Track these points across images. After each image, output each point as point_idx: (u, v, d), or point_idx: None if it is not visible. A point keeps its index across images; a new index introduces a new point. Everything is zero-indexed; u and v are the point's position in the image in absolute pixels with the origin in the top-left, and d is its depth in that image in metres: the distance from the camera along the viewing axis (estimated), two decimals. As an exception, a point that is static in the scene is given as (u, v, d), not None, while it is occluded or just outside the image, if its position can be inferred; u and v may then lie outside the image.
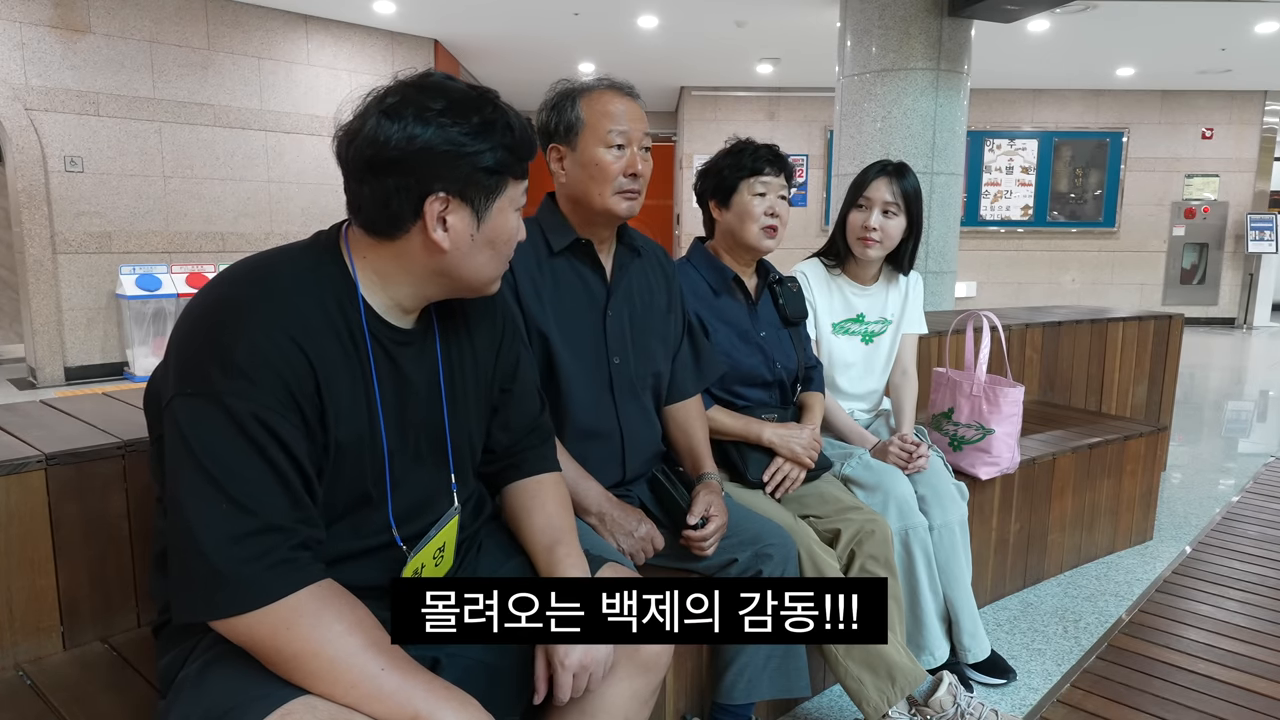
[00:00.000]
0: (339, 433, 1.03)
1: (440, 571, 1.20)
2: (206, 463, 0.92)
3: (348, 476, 1.06)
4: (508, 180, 1.07)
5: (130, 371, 6.15)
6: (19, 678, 1.30)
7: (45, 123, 5.74)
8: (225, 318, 0.97)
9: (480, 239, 1.06)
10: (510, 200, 1.08)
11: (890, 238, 2.19)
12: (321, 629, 0.93)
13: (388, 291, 1.08)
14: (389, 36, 7.37)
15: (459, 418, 1.19)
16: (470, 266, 1.08)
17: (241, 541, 0.91)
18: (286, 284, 1.01)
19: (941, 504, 2.08)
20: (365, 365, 1.06)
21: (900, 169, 2.20)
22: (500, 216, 1.07)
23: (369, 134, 1.00)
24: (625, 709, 1.23)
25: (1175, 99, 9.93)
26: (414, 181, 1.01)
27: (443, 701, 0.94)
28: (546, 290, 1.60)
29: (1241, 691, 1.49)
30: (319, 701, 0.92)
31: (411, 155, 1.00)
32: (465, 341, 1.21)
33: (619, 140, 1.54)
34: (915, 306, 2.36)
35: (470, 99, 1.03)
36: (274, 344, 0.96)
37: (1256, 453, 4.68)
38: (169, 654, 1.06)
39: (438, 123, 1.00)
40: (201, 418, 0.93)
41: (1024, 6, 4.72)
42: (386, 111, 1.00)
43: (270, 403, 0.94)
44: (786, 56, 8.34)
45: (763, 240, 1.95)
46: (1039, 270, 10.29)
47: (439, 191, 1.02)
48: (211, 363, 0.94)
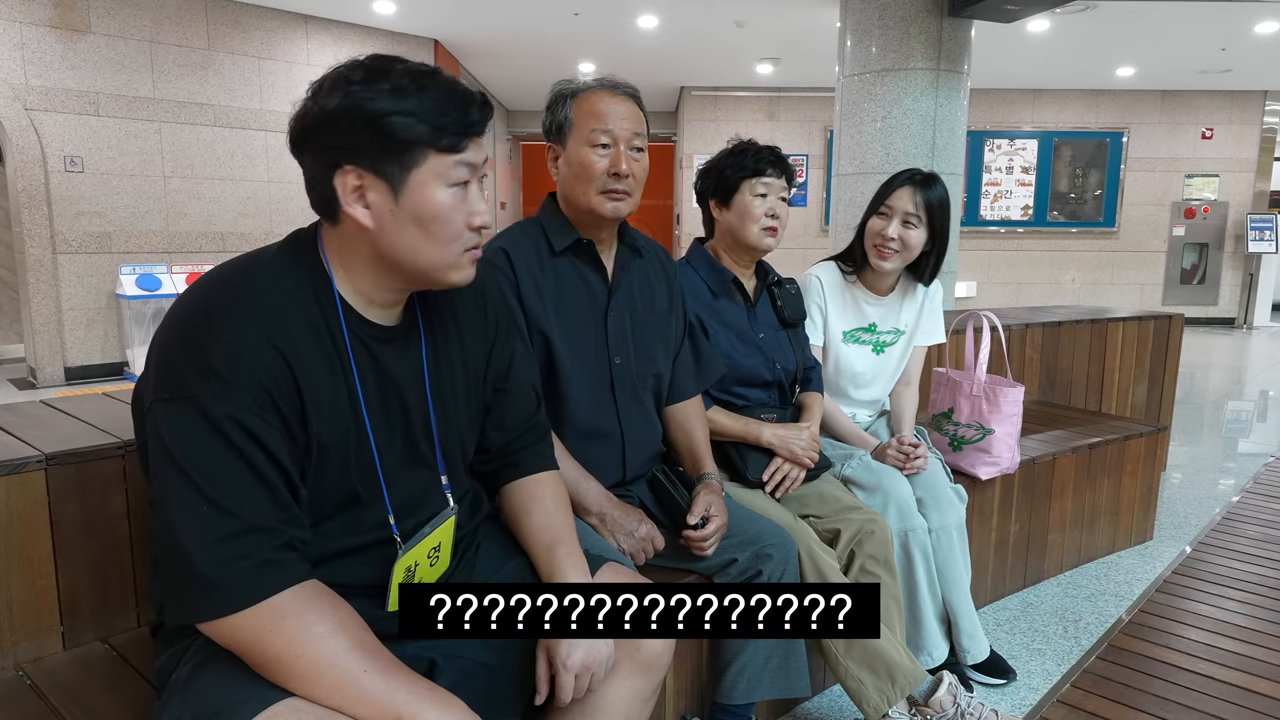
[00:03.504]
0: (321, 432, 1.02)
1: (436, 572, 1.19)
2: (187, 466, 0.92)
3: (334, 475, 1.06)
4: (425, 150, 0.99)
5: (130, 371, 6.15)
6: (19, 678, 1.30)
7: (45, 123, 5.74)
8: (201, 321, 0.96)
9: (402, 215, 1.00)
10: (434, 173, 1.00)
11: (909, 249, 2.13)
12: (304, 630, 0.92)
13: (353, 283, 1.07)
14: (389, 36, 7.37)
15: (446, 416, 1.18)
16: (402, 246, 1.02)
17: (224, 544, 0.91)
18: (263, 284, 1.01)
19: (940, 507, 2.08)
20: (345, 363, 1.05)
21: (929, 180, 2.12)
22: (421, 190, 1.00)
23: (295, 112, 1.00)
24: (626, 709, 1.23)
25: (1175, 99, 9.93)
26: (326, 154, 0.99)
27: (427, 703, 0.93)
28: (548, 290, 1.60)
29: (1242, 691, 1.49)
30: (304, 704, 0.92)
31: (319, 125, 0.98)
32: (454, 339, 1.20)
33: (603, 140, 1.54)
34: (934, 317, 2.32)
35: (389, 69, 0.99)
36: (249, 346, 0.95)
37: (1256, 453, 4.68)
38: (164, 654, 1.06)
39: (346, 90, 0.97)
40: (180, 422, 0.93)
41: (1024, 6, 4.71)
42: (318, 85, 1.00)
43: (247, 405, 0.94)
44: (786, 56, 8.34)
45: (763, 240, 1.95)
46: (1039, 270, 10.29)
47: (347, 164, 0.98)
48: (188, 367, 0.94)
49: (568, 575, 1.20)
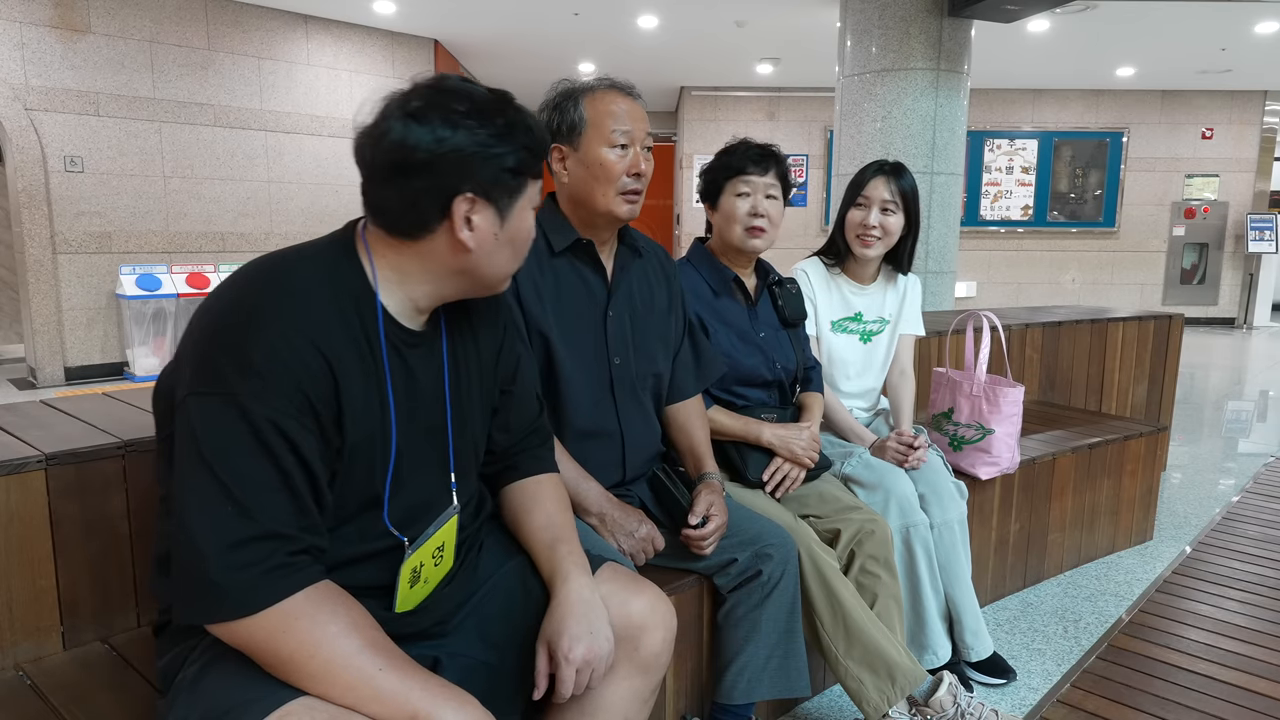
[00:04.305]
0: (353, 435, 1.03)
1: (440, 571, 1.19)
2: (215, 464, 0.92)
3: (359, 478, 1.06)
4: (528, 180, 1.09)
5: (130, 371, 6.14)
6: (19, 678, 1.30)
7: (45, 123, 5.74)
8: (244, 318, 0.96)
9: (503, 238, 1.08)
10: (529, 199, 1.11)
11: (890, 235, 2.20)
12: (318, 630, 0.92)
13: (405, 291, 1.09)
14: (389, 36, 7.37)
15: (462, 419, 1.19)
16: (492, 265, 1.10)
17: (241, 548, 0.91)
18: (304, 285, 1.01)
19: (941, 502, 2.08)
20: (379, 367, 1.06)
21: (897, 168, 2.21)
22: (521, 216, 1.10)
23: (396, 138, 1.00)
24: (624, 709, 1.23)
25: (1175, 99, 9.93)
26: (442, 183, 1.02)
27: (441, 700, 0.93)
28: (547, 290, 1.59)
29: (1242, 691, 1.49)
30: (317, 702, 0.92)
31: (440, 158, 1.01)
32: (470, 343, 1.22)
33: (622, 140, 1.54)
34: (913, 308, 2.37)
35: (492, 102, 1.05)
36: (290, 346, 0.96)
37: (1256, 453, 4.68)
38: (169, 654, 1.06)
39: (464, 125, 1.01)
40: (215, 418, 0.93)
41: (1024, 6, 4.72)
42: (413, 115, 1.01)
43: (286, 407, 0.94)
44: (786, 56, 8.34)
45: (747, 241, 1.93)
46: (1039, 270, 10.29)
47: (466, 192, 1.03)
48: (228, 363, 0.93)
49: (570, 572, 1.21)
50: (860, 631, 1.73)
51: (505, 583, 1.26)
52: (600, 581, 1.24)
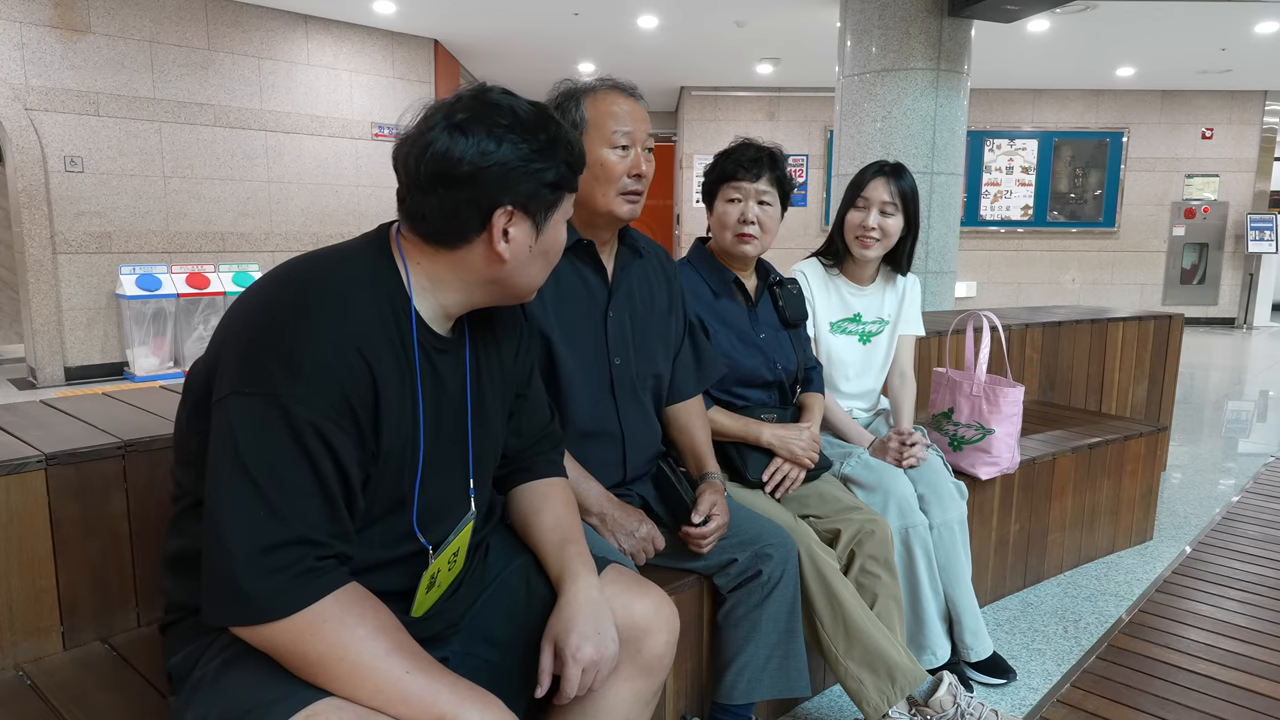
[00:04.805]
0: (389, 440, 1.03)
1: (452, 575, 1.20)
2: (251, 465, 0.91)
3: (389, 483, 1.07)
4: (565, 194, 1.11)
5: (130, 371, 6.14)
6: (19, 678, 1.30)
7: (45, 123, 5.74)
8: (289, 319, 0.96)
9: (537, 250, 1.10)
10: (564, 213, 1.13)
11: (889, 236, 2.20)
12: (345, 634, 0.92)
13: (437, 297, 1.09)
14: (389, 36, 7.37)
15: (483, 424, 1.20)
16: (524, 276, 1.12)
17: (272, 552, 0.91)
18: (347, 286, 1.02)
19: (941, 502, 2.08)
20: (412, 372, 1.06)
21: (897, 169, 2.20)
22: (556, 228, 1.12)
23: (440, 149, 1.01)
24: (626, 711, 1.23)
25: (1175, 99, 9.93)
26: (484, 195, 1.03)
27: (468, 703, 0.94)
28: (548, 291, 1.59)
29: (1242, 691, 1.49)
30: (345, 703, 0.92)
31: (484, 171, 1.02)
32: (493, 349, 1.22)
33: (624, 141, 1.54)
34: (913, 309, 2.37)
35: (535, 116, 1.07)
36: (336, 349, 0.96)
37: (1256, 453, 4.68)
38: (181, 652, 1.05)
39: (508, 139, 1.03)
40: (256, 418, 0.92)
41: (1024, 6, 4.72)
42: (458, 126, 1.02)
43: (327, 411, 0.94)
44: (786, 56, 8.34)
45: (736, 247, 1.93)
46: (1039, 270, 10.29)
47: (506, 205, 1.04)
48: (275, 364, 0.93)
49: (579, 572, 1.21)
50: (860, 632, 1.73)
51: (510, 582, 1.27)
52: (605, 583, 1.24)
